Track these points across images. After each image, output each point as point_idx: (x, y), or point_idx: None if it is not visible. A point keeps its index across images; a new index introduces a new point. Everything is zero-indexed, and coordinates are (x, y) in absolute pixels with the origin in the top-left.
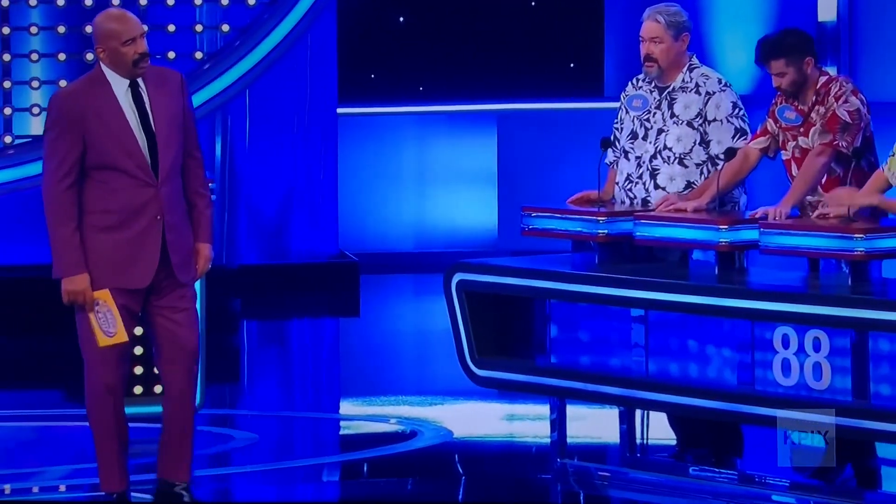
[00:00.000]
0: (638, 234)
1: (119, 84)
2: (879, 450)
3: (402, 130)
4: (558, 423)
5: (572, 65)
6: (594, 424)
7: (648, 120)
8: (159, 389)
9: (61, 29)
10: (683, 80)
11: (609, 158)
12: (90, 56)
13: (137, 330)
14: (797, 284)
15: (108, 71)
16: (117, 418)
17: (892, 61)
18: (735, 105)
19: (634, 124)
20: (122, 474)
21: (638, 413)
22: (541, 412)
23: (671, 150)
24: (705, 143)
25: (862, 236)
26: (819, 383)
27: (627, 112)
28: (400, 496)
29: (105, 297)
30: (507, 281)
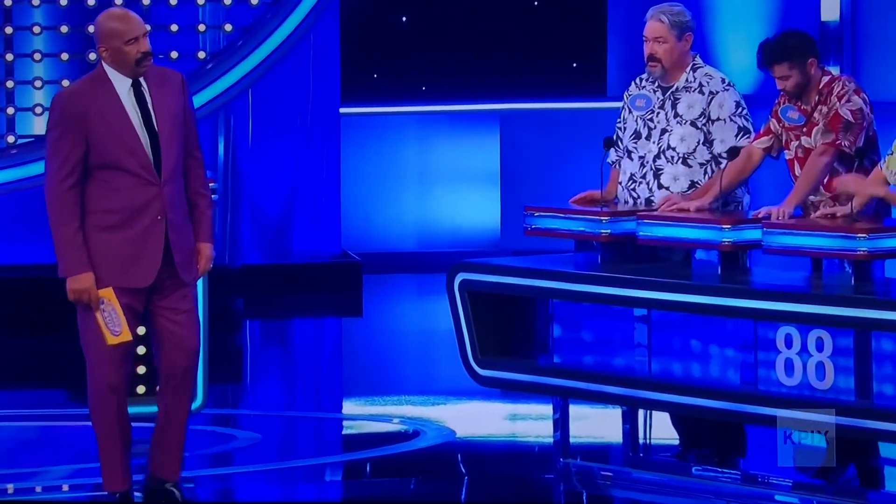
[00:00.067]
0: (641, 234)
1: (121, 83)
2: (882, 450)
3: (405, 130)
4: (561, 423)
5: (575, 64)
6: (597, 424)
7: (652, 120)
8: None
9: (64, 29)
10: (687, 80)
11: (611, 158)
12: (93, 56)
13: (140, 329)
14: (800, 284)
15: (111, 70)
16: (120, 418)
17: (895, 61)
18: (738, 104)
19: (638, 124)
20: (125, 474)
21: (641, 413)
22: (543, 412)
23: (675, 150)
24: (709, 143)
25: (865, 236)
26: (822, 383)
27: (631, 112)
28: (403, 496)
29: (109, 296)
30: (510, 281)
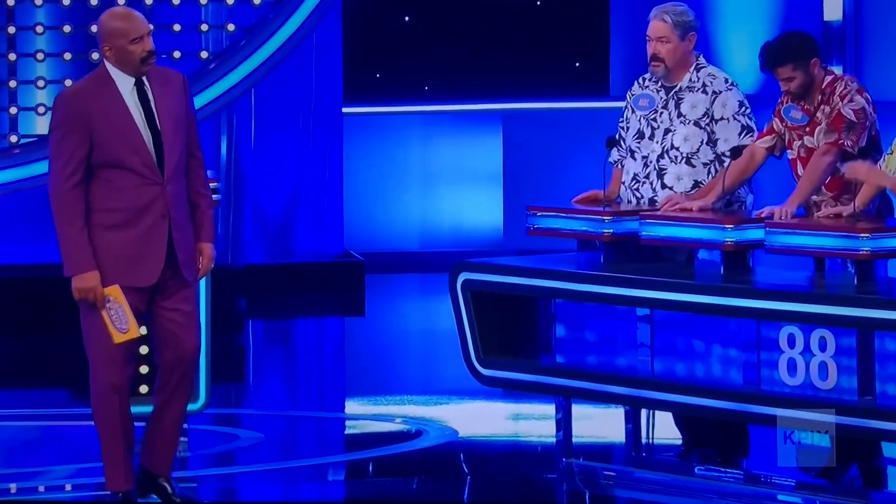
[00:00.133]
0: (643, 234)
1: (125, 83)
2: (885, 449)
3: (408, 130)
4: (564, 423)
5: (578, 64)
6: (600, 424)
7: (655, 119)
8: None
9: (67, 28)
10: (690, 80)
11: (613, 157)
12: (95, 55)
13: (142, 329)
14: (803, 284)
15: (114, 70)
16: (123, 418)
17: None
18: (741, 104)
19: (641, 124)
20: (128, 474)
21: (643, 412)
22: (546, 412)
23: (678, 150)
24: (712, 143)
25: (868, 236)
26: (825, 383)
27: (633, 111)
28: (405, 496)
29: (115, 294)
30: (513, 280)
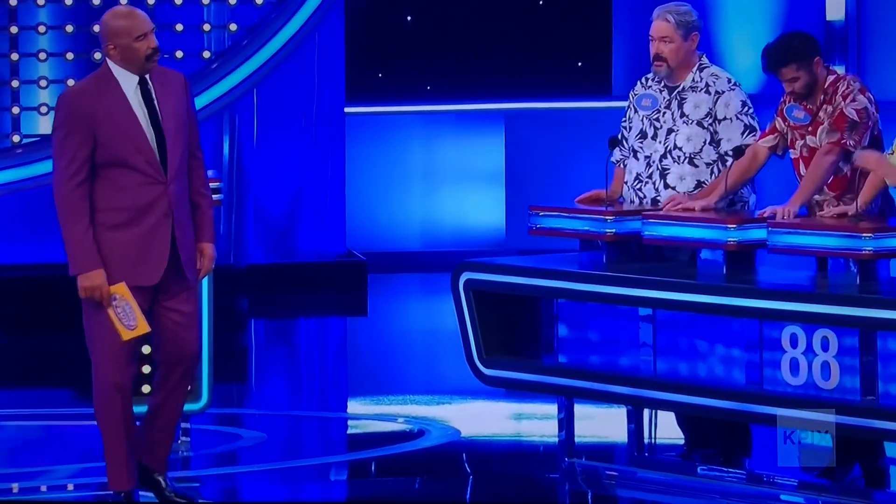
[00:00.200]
0: (646, 234)
1: (128, 82)
2: (888, 449)
3: (410, 130)
4: (566, 423)
5: (580, 64)
6: (602, 424)
7: (658, 119)
8: None
9: (69, 28)
10: (693, 80)
11: (616, 157)
12: (98, 55)
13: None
14: (805, 284)
15: (118, 69)
16: (126, 417)
17: None
18: (744, 103)
19: (644, 124)
20: (131, 473)
21: (646, 412)
22: (548, 411)
23: (681, 150)
24: (715, 143)
25: (870, 235)
26: (827, 383)
27: (636, 111)
28: (407, 495)
29: (122, 291)
30: (515, 280)
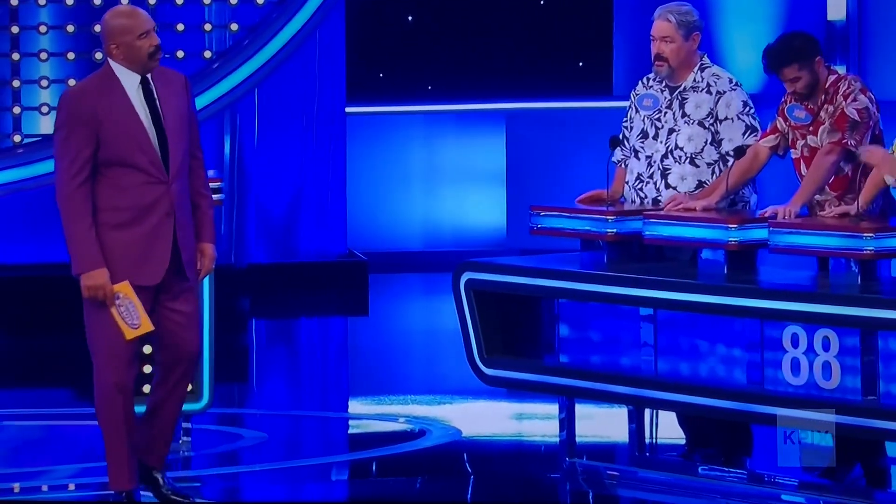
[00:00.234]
0: (647, 234)
1: (130, 81)
2: (889, 449)
3: (411, 129)
4: (567, 423)
5: (581, 64)
6: (603, 423)
7: (659, 119)
8: None
9: (70, 28)
10: (695, 80)
11: (617, 157)
12: (99, 55)
13: None
14: (806, 284)
15: (120, 68)
16: (127, 417)
17: None
18: (746, 104)
19: (645, 123)
20: (132, 473)
21: (647, 412)
22: (549, 411)
23: (682, 150)
24: (716, 143)
25: (871, 235)
26: (828, 383)
27: (638, 111)
28: (408, 495)
29: (125, 290)
30: (516, 280)
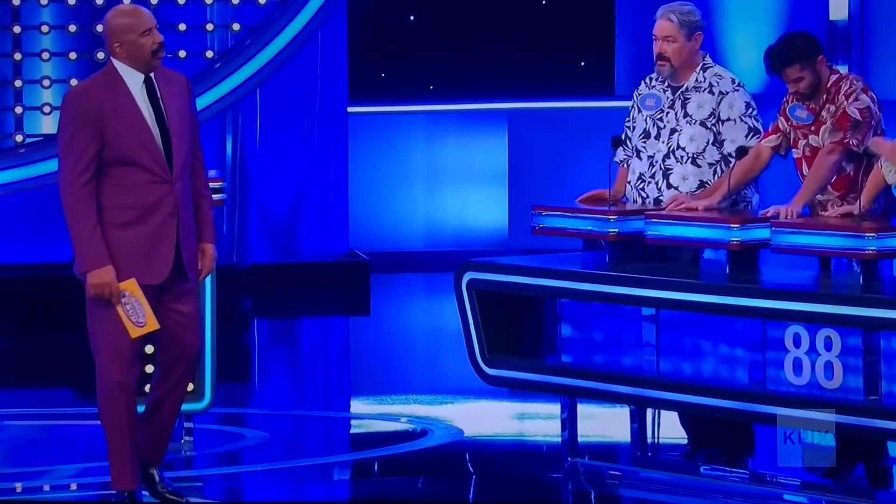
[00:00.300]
0: (649, 233)
1: (134, 80)
2: (891, 449)
3: (413, 129)
4: (569, 422)
5: (583, 63)
6: (605, 423)
7: (661, 119)
8: None
9: (72, 28)
10: (697, 80)
11: (619, 157)
12: (101, 55)
13: None
14: (808, 283)
15: (123, 67)
16: (129, 417)
17: None
18: (748, 105)
19: (647, 123)
20: (134, 473)
21: (649, 412)
22: (551, 411)
23: (684, 150)
24: (718, 143)
25: (873, 235)
26: (830, 382)
27: (640, 111)
28: (410, 495)
29: (131, 288)
30: (518, 280)
